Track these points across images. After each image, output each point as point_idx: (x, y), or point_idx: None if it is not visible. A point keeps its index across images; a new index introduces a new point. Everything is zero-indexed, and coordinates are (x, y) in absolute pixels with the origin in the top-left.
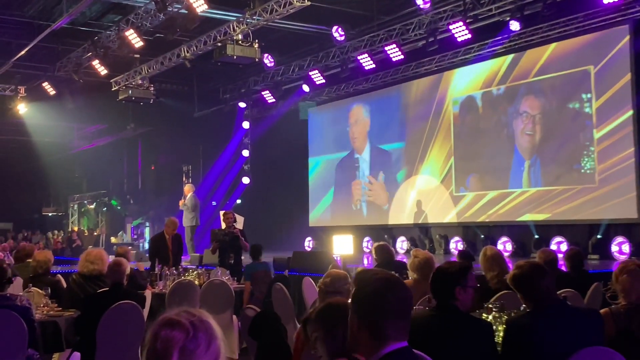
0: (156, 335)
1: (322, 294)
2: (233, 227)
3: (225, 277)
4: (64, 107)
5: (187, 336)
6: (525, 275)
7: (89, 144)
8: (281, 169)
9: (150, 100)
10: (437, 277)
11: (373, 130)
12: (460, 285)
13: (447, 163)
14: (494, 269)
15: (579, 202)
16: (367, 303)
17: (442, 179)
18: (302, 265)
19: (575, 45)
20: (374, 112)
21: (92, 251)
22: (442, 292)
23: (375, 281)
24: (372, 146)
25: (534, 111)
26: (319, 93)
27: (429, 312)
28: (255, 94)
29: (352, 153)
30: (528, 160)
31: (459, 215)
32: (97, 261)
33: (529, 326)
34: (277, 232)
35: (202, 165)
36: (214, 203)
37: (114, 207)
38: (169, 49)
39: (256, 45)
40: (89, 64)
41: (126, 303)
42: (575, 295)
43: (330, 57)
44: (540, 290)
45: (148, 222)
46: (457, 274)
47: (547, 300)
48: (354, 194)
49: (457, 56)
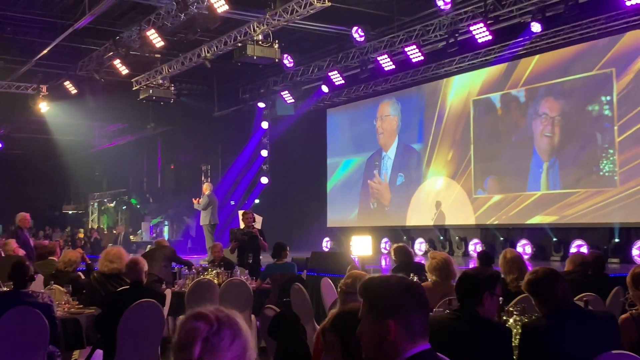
0: (183, 325)
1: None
2: (252, 226)
3: (244, 277)
4: (85, 105)
5: (211, 329)
6: (540, 280)
7: (109, 143)
8: (299, 169)
9: (170, 99)
10: (465, 280)
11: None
12: (490, 291)
13: (466, 164)
14: (513, 271)
15: (598, 204)
16: (394, 297)
17: (461, 180)
18: (321, 265)
19: (597, 48)
20: (393, 113)
21: (111, 250)
22: (469, 295)
23: (392, 279)
24: (388, 146)
25: (553, 113)
26: (339, 94)
27: (449, 315)
28: (275, 94)
29: (369, 155)
30: (547, 162)
31: (477, 217)
32: (116, 260)
33: (545, 330)
34: (295, 232)
35: (221, 164)
36: (232, 202)
37: (134, 205)
38: (189, 49)
39: (276, 45)
40: (110, 63)
41: (146, 301)
42: (596, 299)
43: (349, 57)
44: (555, 295)
45: (167, 221)
46: (488, 280)
47: (562, 305)
48: (370, 192)
49: (478, 57)
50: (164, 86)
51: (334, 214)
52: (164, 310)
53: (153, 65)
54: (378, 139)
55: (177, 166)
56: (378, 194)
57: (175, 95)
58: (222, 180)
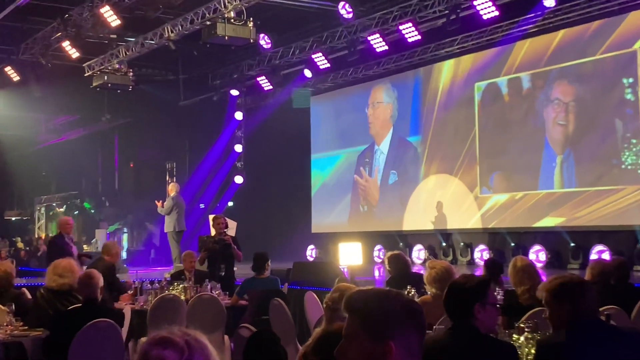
0: (146, 354)
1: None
2: (224, 233)
3: (215, 292)
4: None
5: (182, 357)
6: (574, 285)
7: (58, 138)
8: (279, 166)
9: (128, 87)
10: (452, 293)
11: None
12: (480, 302)
13: (470, 159)
14: (524, 282)
15: (622, 204)
16: (396, 315)
17: (464, 178)
18: (304, 277)
19: (618, 24)
20: (385, 101)
21: (60, 262)
22: (458, 310)
23: (391, 294)
24: (379, 140)
25: (567, 98)
26: (323, 79)
27: (444, 332)
28: (250, 80)
29: (358, 150)
30: (560, 155)
31: (484, 220)
32: (66, 274)
33: (565, 347)
34: (275, 239)
35: (188, 162)
36: (202, 206)
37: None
38: (150, 29)
39: (251, 24)
40: (59, 45)
41: (102, 321)
42: (620, 313)
43: (336, 37)
44: (583, 306)
45: (126, 228)
46: (476, 289)
47: (587, 318)
48: (360, 192)
49: (483, 37)
50: (121, 72)
51: (319, 218)
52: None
53: (108, 47)
54: (370, 129)
55: (137, 164)
56: (364, 192)
57: (134, 82)
58: (189, 180)
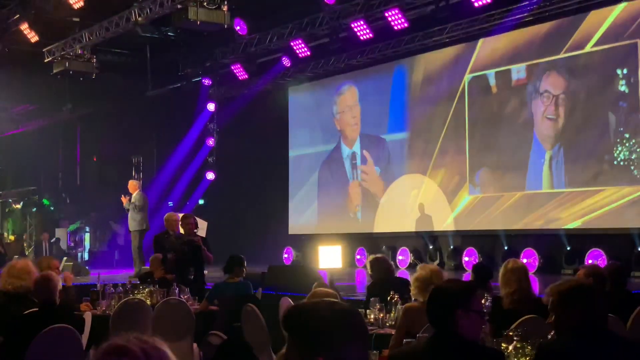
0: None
1: None
2: (194, 234)
3: (184, 296)
4: None
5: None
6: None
7: (14, 129)
8: (254, 162)
9: (92, 74)
10: (433, 298)
11: (368, 115)
12: (462, 308)
13: (459, 157)
14: (511, 285)
15: (618, 204)
16: (323, 329)
17: (452, 176)
18: (280, 282)
19: (615, 13)
20: (369, 93)
21: (16, 263)
22: (440, 316)
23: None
24: (363, 135)
25: (556, 90)
26: (303, 68)
27: (425, 341)
28: (224, 69)
29: (340, 146)
30: (549, 151)
31: (471, 221)
32: (23, 275)
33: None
34: (249, 241)
35: (156, 156)
36: (170, 204)
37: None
38: (116, 12)
39: (225, 7)
40: (17, 28)
41: (60, 327)
42: (615, 320)
43: (317, 24)
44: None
45: (88, 227)
46: (459, 294)
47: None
48: (352, 198)
49: (474, 25)
50: (84, 58)
51: (297, 218)
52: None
53: (70, 31)
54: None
55: (100, 158)
56: (366, 182)
57: (98, 69)
58: (157, 176)
